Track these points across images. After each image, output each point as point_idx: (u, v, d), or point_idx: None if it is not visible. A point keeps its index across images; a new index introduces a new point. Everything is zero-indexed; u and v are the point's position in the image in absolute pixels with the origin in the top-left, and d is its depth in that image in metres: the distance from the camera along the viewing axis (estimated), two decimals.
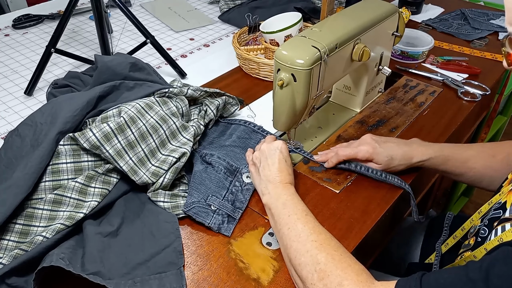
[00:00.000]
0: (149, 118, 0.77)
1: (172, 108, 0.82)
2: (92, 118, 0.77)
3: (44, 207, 0.68)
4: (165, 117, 0.79)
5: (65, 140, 0.72)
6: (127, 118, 0.74)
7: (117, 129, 0.73)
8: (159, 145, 0.77)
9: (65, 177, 0.71)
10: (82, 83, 0.93)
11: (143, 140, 0.75)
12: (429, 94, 1.05)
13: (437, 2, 1.53)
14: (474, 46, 1.26)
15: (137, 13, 1.47)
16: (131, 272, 0.62)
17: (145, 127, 0.76)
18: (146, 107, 0.78)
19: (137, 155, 0.74)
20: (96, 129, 0.71)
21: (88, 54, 1.24)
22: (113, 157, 0.71)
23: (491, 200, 0.69)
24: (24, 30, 1.37)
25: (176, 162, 0.76)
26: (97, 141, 0.71)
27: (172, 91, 0.84)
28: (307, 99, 0.76)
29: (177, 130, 0.80)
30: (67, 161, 0.72)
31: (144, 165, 0.74)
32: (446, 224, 0.89)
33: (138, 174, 0.73)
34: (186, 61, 1.22)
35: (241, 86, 1.09)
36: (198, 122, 0.85)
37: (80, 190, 0.70)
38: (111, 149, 0.72)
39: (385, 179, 0.79)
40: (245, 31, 1.23)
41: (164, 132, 0.78)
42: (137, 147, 0.75)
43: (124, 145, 0.73)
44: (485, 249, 0.62)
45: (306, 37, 0.76)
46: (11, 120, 0.98)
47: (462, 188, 1.62)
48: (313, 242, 0.61)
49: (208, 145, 0.86)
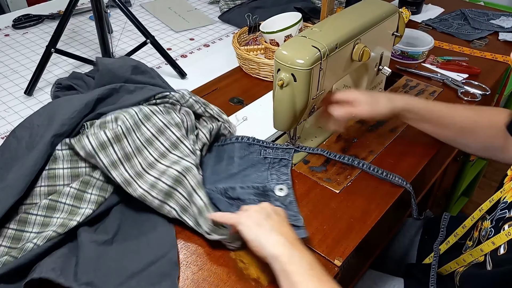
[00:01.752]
0: (145, 130, 0.74)
1: (175, 119, 0.78)
2: (90, 121, 0.75)
3: (38, 212, 0.67)
4: (162, 128, 0.75)
5: (62, 145, 0.71)
6: (124, 128, 0.72)
7: (114, 138, 0.70)
8: (158, 157, 0.73)
9: (61, 183, 0.70)
10: (85, 85, 0.91)
11: (139, 153, 0.72)
12: (429, 94, 1.05)
13: (437, 2, 1.53)
14: (474, 46, 1.26)
15: (137, 13, 1.47)
16: (125, 282, 0.60)
17: (140, 141, 0.73)
18: (144, 119, 0.75)
19: (133, 168, 0.71)
20: (93, 137, 0.69)
21: (88, 54, 1.24)
22: (106, 167, 0.69)
23: (492, 198, 0.69)
24: (24, 30, 1.37)
25: (180, 175, 0.71)
26: (92, 150, 0.69)
27: (173, 96, 0.81)
28: (307, 99, 0.76)
29: (178, 140, 0.76)
30: (64, 166, 0.70)
31: (142, 177, 0.70)
32: (443, 225, 0.89)
33: (133, 186, 0.69)
34: (186, 61, 1.22)
35: (241, 86, 1.09)
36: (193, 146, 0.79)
37: (76, 196, 0.69)
38: (106, 159, 0.69)
39: (386, 178, 0.79)
40: (245, 31, 1.23)
41: (161, 144, 0.74)
42: (134, 159, 0.71)
43: (121, 156, 0.70)
44: (492, 242, 0.62)
45: (306, 37, 0.76)
46: (11, 120, 0.98)
47: (462, 188, 1.62)
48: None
49: (219, 180, 0.78)
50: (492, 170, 2.05)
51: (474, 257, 0.67)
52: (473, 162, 1.53)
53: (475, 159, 1.53)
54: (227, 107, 1.00)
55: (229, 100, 1.03)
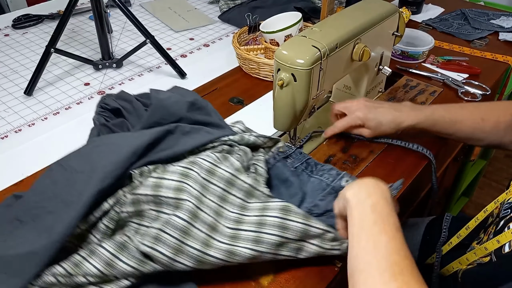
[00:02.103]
0: (214, 188, 0.64)
1: (235, 164, 0.67)
2: (140, 169, 0.65)
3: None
4: (231, 179, 0.65)
5: (108, 219, 0.62)
6: (195, 200, 0.61)
7: (192, 218, 0.60)
8: (240, 211, 0.64)
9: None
10: (133, 110, 0.80)
11: (220, 216, 0.62)
12: (430, 94, 1.05)
13: (437, 2, 1.53)
14: (474, 46, 1.26)
15: (137, 13, 1.47)
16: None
17: (214, 203, 0.63)
18: (208, 175, 0.64)
19: (223, 234, 0.61)
20: (164, 246, 0.58)
21: (88, 54, 1.24)
22: (200, 250, 0.59)
23: (498, 199, 0.69)
24: (24, 30, 1.37)
25: (283, 220, 0.62)
26: (176, 243, 0.58)
27: (233, 139, 0.73)
28: (307, 99, 0.76)
29: (251, 187, 0.66)
30: (108, 249, 0.59)
31: (238, 238, 0.61)
32: (445, 225, 0.89)
33: (237, 253, 0.60)
34: (186, 61, 1.22)
35: (241, 86, 1.08)
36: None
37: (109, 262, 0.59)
38: (196, 243, 0.59)
39: (405, 145, 0.86)
40: (245, 31, 1.23)
41: (236, 197, 0.65)
42: (219, 225, 0.61)
43: (206, 230, 0.60)
44: (497, 241, 0.62)
45: (306, 37, 0.76)
46: (11, 120, 0.98)
47: (462, 188, 1.62)
48: (394, 265, 0.48)
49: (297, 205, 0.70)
50: (492, 170, 2.05)
51: (478, 256, 0.67)
52: (473, 162, 1.52)
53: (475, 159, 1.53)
54: (227, 107, 1.00)
55: (229, 100, 1.03)
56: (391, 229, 0.52)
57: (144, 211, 0.63)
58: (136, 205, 0.63)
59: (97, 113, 0.82)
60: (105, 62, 1.16)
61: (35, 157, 0.87)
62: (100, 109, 0.82)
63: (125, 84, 1.11)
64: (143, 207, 0.63)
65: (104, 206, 0.62)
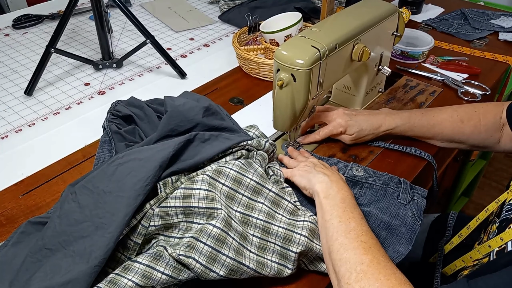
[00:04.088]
0: (240, 198, 0.65)
1: (258, 170, 0.68)
2: (163, 181, 0.65)
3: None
4: (257, 188, 0.66)
5: (137, 235, 0.62)
6: (225, 210, 0.62)
7: (225, 226, 0.60)
8: (267, 219, 0.64)
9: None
10: (145, 117, 0.81)
11: (248, 225, 0.64)
12: (429, 94, 1.05)
13: (437, 2, 1.53)
14: (474, 46, 1.26)
15: (137, 13, 1.47)
16: None
17: (241, 213, 0.64)
18: (235, 185, 0.65)
19: (253, 244, 0.62)
20: (198, 254, 0.58)
21: (88, 54, 1.24)
22: (234, 259, 0.59)
23: (499, 199, 0.69)
24: (24, 30, 1.37)
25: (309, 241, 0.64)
26: (203, 269, 0.58)
27: (251, 144, 0.73)
28: (307, 99, 0.76)
29: (278, 196, 0.67)
30: (143, 262, 0.58)
31: (265, 249, 0.63)
32: (450, 224, 0.89)
33: (266, 267, 0.61)
34: (186, 61, 1.22)
35: (241, 86, 1.09)
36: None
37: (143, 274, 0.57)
38: (231, 252, 0.59)
39: (402, 150, 0.87)
40: (245, 31, 1.23)
41: (263, 205, 0.66)
42: (248, 235, 0.63)
43: (238, 239, 0.61)
44: (501, 238, 0.62)
45: (306, 37, 0.76)
46: (11, 120, 0.98)
47: (462, 188, 1.62)
48: (362, 243, 0.57)
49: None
50: (492, 170, 2.05)
51: (481, 254, 0.67)
52: (473, 162, 1.53)
53: (475, 159, 1.53)
54: (227, 107, 1.00)
55: (229, 100, 1.03)
56: (358, 217, 0.62)
57: (173, 223, 0.62)
58: (165, 218, 0.62)
59: (108, 120, 0.81)
60: (105, 62, 1.16)
61: (35, 157, 0.87)
62: (111, 116, 0.82)
63: (125, 84, 1.12)
64: (172, 219, 0.62)
65: (132, 222, 0.61)
